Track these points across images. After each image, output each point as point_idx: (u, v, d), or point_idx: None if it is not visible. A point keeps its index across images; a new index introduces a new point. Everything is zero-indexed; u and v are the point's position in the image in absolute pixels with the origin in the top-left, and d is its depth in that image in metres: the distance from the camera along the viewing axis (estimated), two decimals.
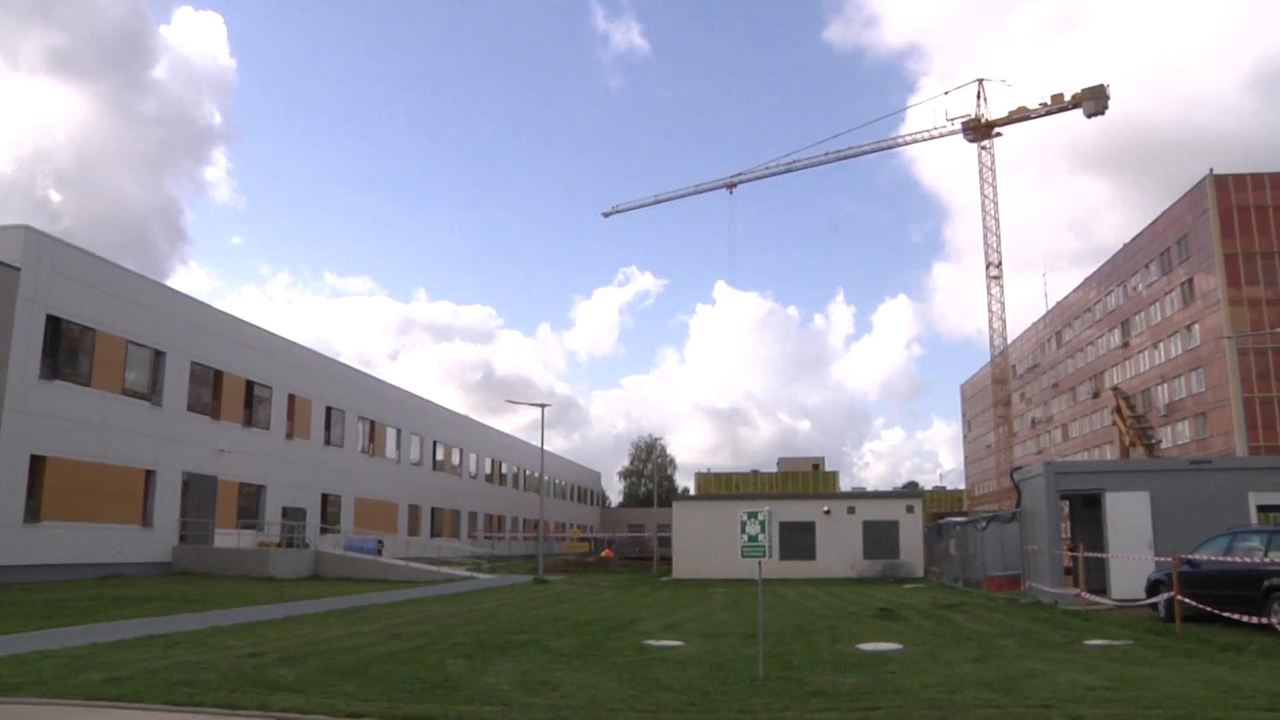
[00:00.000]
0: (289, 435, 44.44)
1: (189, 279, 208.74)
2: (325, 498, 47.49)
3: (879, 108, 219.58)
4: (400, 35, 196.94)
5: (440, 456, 63.90)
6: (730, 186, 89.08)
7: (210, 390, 38.64)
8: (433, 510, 61.19)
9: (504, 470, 78.56)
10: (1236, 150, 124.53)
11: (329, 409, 48.42)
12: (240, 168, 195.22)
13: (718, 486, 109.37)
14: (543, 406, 46.24)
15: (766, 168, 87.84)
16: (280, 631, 16.60)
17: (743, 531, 11.85)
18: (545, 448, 49.77)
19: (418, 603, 25.36)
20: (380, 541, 44.72)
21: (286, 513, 43.12)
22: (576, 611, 22.70)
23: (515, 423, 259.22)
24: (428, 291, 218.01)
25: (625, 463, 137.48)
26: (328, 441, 48.27)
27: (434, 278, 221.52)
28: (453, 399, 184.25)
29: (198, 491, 36.94)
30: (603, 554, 59.02)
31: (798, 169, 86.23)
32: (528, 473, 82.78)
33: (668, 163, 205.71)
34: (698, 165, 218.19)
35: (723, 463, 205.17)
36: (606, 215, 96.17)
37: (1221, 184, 67.82)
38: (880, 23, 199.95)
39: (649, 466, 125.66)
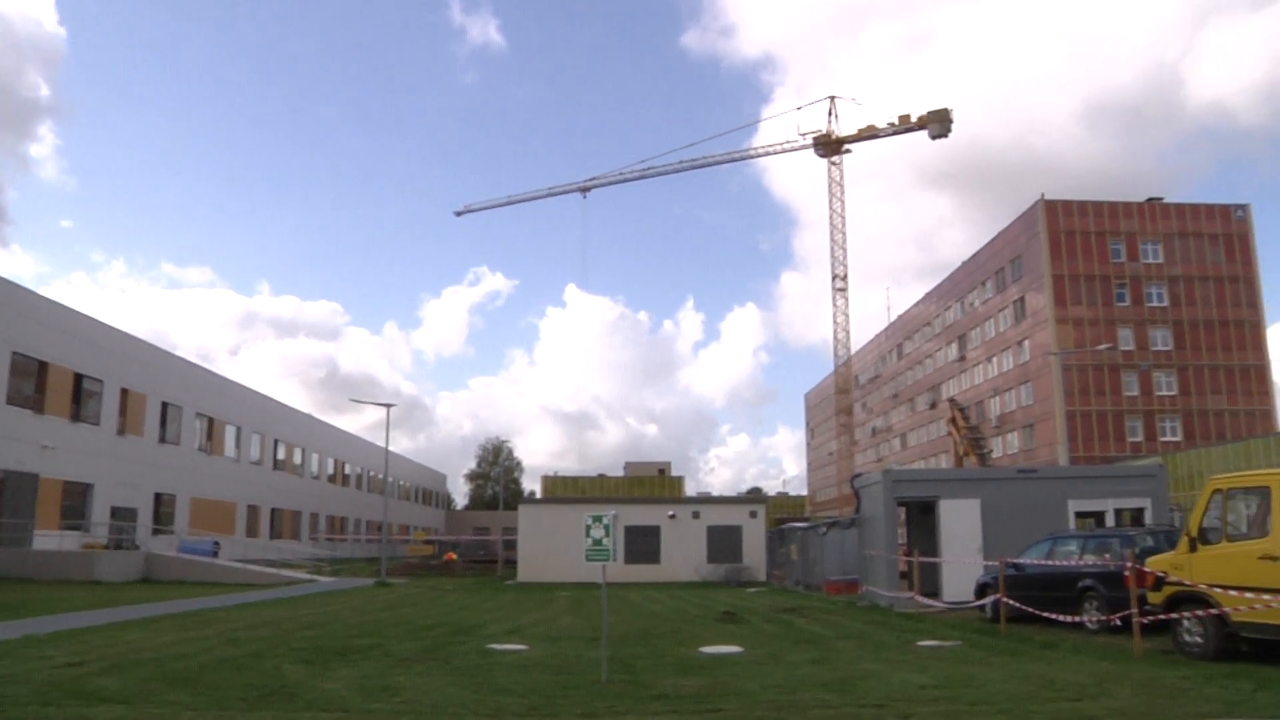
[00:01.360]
0: (120, 431, 42.56)
1: (11, 263, 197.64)
2: (159, 497, 45.64)
3: (734, 117, 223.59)
4: (246, 17, 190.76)
5: (281, 456, 62.21)
6: (584, 190, 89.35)
7: (33, 383, 36.65)
8: (273, 511, 59.51)
9: (347, 471, 76.99)
10: (1068, 175, 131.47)
11: (165, 405, 46.58)
12: (70, 146, 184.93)
13: (564, 490, 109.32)
14: (388, 406, 45.62)
15: (621, 173, 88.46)
16: (105, 639, 15.72)
17: (588, 535, 11.94)
18: (390, 448, 49.03)
19: (255, 606, 24.66)
20: (216, 543, 43.27)
21: (116, 513, 41.21)
22: (419, 615, 22.46)
23: (360, 422, 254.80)
24: (271, 285, 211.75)
25: (472, 465, 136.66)
26: (162, 439, 46.43)
27: (278, 271, 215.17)
28: (296, 397, 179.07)
29: (16, 490, 34.90)
30: (446, 557, 58.47)
31: (651, 175, 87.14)
32: (372, 474, 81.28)
33: (522, 164, 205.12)
34: (552, 167, 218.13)
35: (570, 466, 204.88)
36: (459, 214, 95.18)
37: (1052, 209, 71.49)
38: (737, 32, 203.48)
39: (496, 469, 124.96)
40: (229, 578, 36.05)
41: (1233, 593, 12.35)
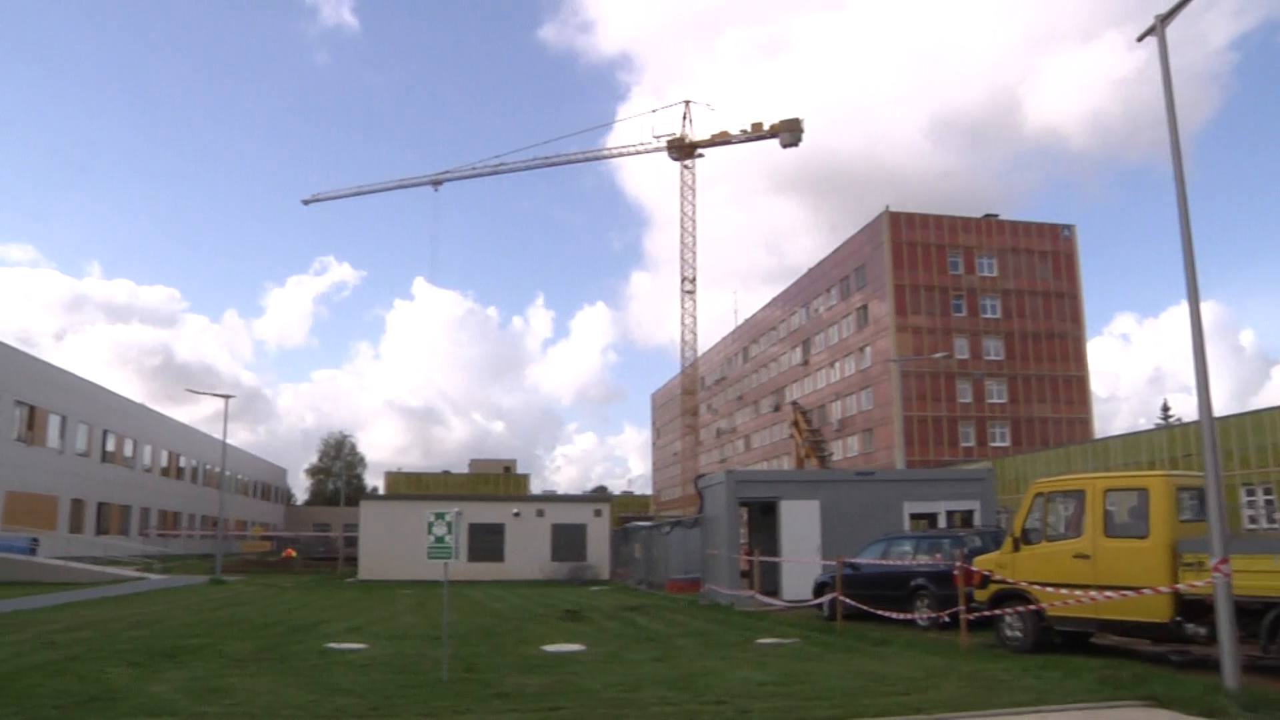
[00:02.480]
0: None
1: None
2: None
3: (589, 115, 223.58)
4: None
5: (111, 447, 59.40)
6: (436, 184, 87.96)
7: None
8: (100, 505, 56.75)
9: (182, 464, 74.10)
10: (913, 187, 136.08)
11: None
12: None
13: (408, 486, 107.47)
14: (226, 398, 44.07)
15: (474, 168, 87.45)
16: None
17: (430, 532, 11.87)
18: (228, 441, 47.46)
19: (77, 606, 23.55)
20: (35, 540, 41.11)
21: None
22: (255, 614, 21.86)
23: (197, 413, 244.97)
24: (103, 267, 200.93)
25: (314, 459, 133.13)
26: None
27: (111, 252, 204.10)
28: (128, 386, 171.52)
29: None
30: (284, 554, 56.89)
31: (504, 171, 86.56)
32: (208, 467, 78.46)
33: (373, 153, 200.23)
34: (404, 159, 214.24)
35: (414, 462, 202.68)
36: (307, 203, 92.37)
37: (895, 220, 74.04)
38: (596, 29, 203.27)
39: (338, 464, 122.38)
40: (48, 576, 34.33)
41: (1050, 589, 13.13)
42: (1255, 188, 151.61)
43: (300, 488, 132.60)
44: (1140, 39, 11.65)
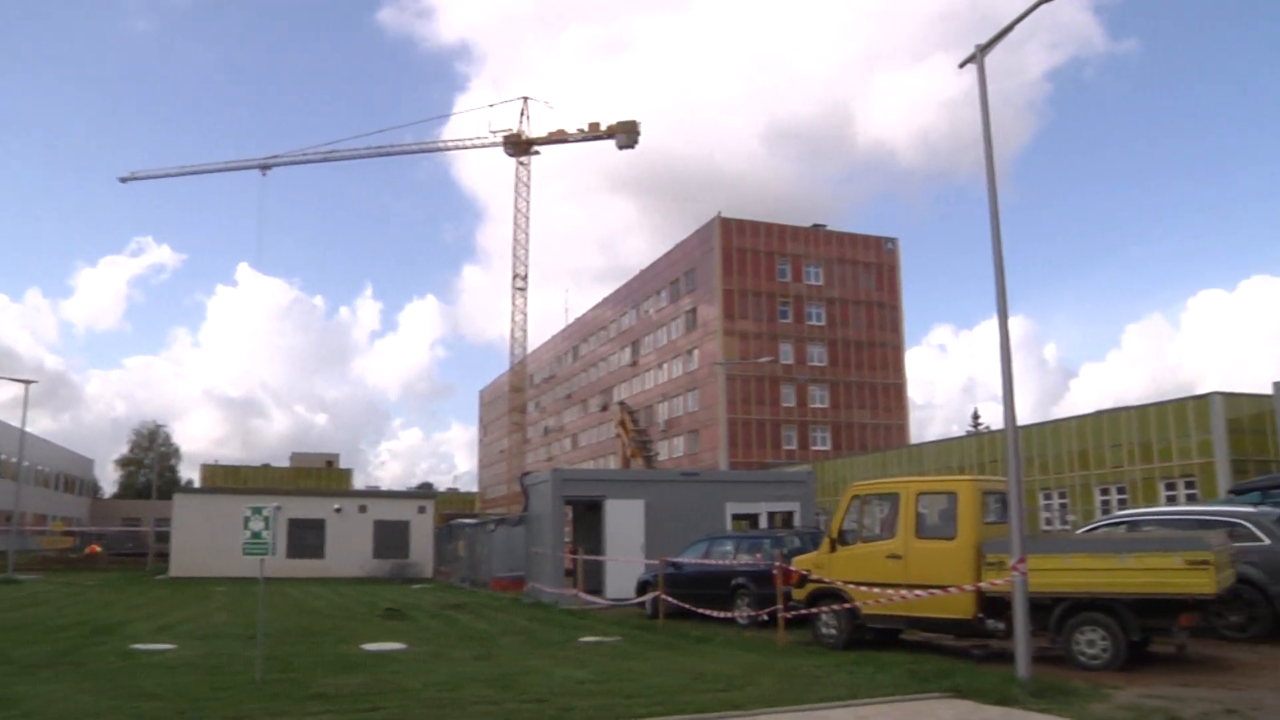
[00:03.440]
0: None
1: None
2: None
3: (426, 104, 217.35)
4: None
5: None
6: (264, 168, 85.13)
7: None
8: None
9: None
10: (747, 193, 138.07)
11: None
12: None
13: (225, 479, 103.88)
14: (27, 383, 41.72)
15: (305, 154, 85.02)
16: None
17: (247, 528, 11.58)
18: (27, 429, 44.85)
19: None
20: None
21: None
22: (52, 615, 20.79)
23: None
24: None
25: (124, 450, 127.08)
26: None
27: None
28: None
29: None
30: (88, 550, 54.15)
31: (337, 159, 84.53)
32: (3, 457, 73.98)
33: (198, 133, 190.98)
34: (231, 140, 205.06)
35: (233, 454, 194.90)
36: (124, 180, 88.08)
37: (726, 226, 75.53)
38: (436, 16, 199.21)
39: (150, 455, 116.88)
40: None
41: (864, 588, 13.64)
42: (1064, 210, 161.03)
43: (108, 480, 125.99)
44: (962, 65, 12.20)
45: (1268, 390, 33.07)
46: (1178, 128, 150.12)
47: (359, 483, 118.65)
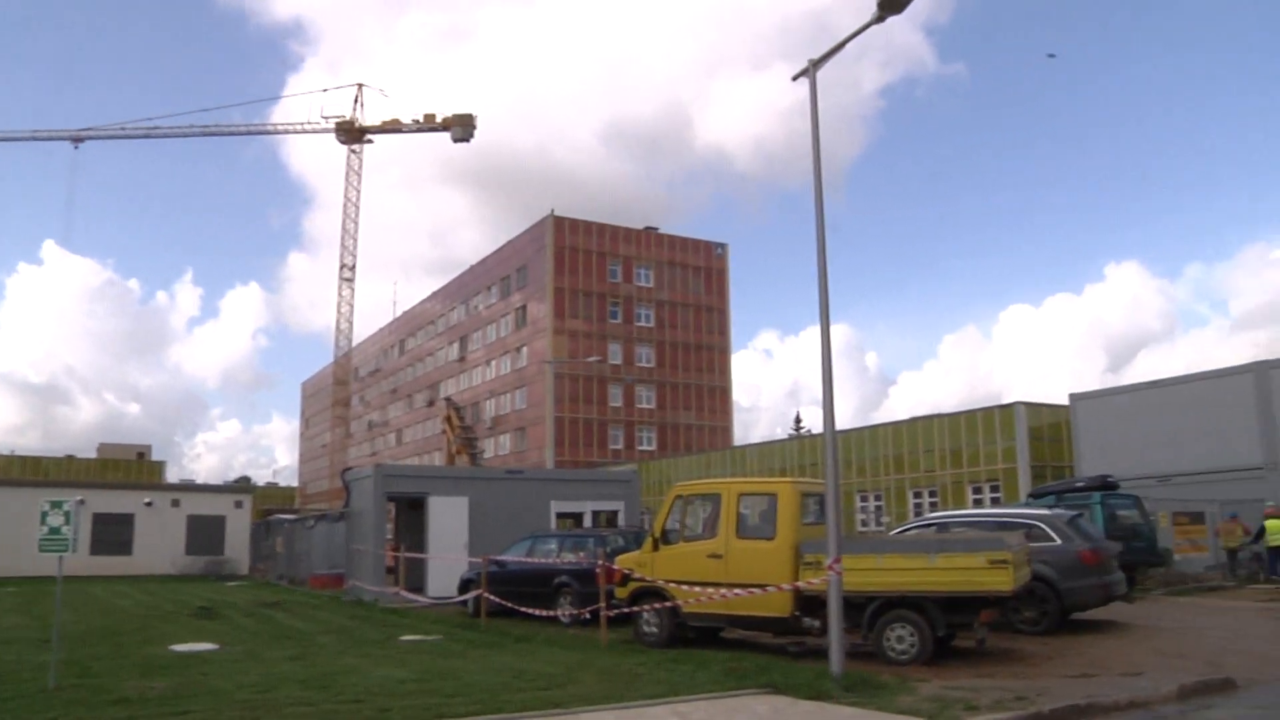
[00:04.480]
0: None
1: None
2: None
3: (256, 83, 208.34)
4: None
5: None
6: (77, 140, 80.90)
7: None
8: None
9: None
10: (584, 190, 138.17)
11: None
12: None
13: (23, 471, 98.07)
14: None
15: (123, 127, 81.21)
16: None
17: (44, 523, 11.02)
18: None
19: None
20: None
21: None
22: None
23: None
24: None
25: None
26: None
27: None
28: None
29: None
30: None
31: (158, 136, 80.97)
32: None
33: (3, 95, 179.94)
34: (40, 106, 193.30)
35: (32, 444, 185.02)
36: None
37: (560, 225, 75.62)
38: None
39: None
40: None
41: (685, 587, 13.87)
42: (890, 223, 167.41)
43: None
44: (795, 78, 12.52)
45: (1065, 401, 35.25)
46: (997, 149, 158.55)
47: (173, 476, 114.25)
